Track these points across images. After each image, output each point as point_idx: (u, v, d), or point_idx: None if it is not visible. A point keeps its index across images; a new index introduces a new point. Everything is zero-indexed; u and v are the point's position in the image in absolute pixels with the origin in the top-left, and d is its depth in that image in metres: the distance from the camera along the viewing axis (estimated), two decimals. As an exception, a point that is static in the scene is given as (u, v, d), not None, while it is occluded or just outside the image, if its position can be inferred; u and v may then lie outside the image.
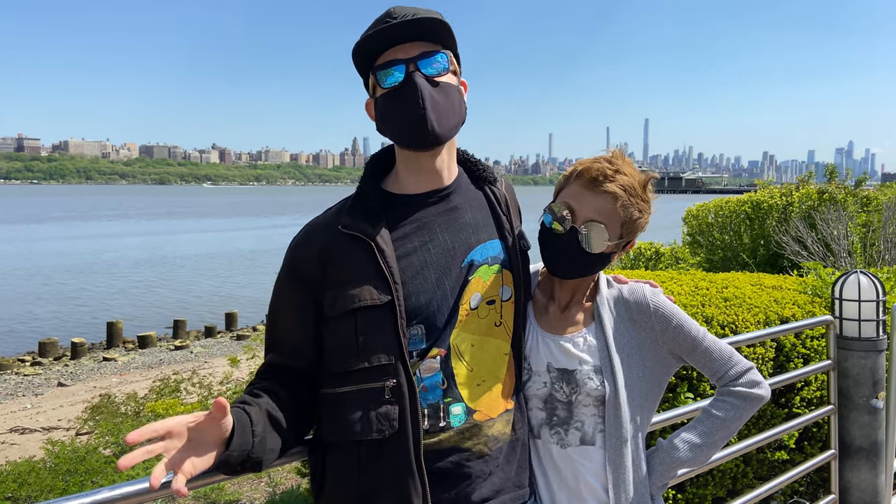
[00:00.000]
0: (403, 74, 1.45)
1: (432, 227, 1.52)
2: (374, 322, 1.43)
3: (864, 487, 3.44)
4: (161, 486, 1.40)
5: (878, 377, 3.39)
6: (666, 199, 11.58)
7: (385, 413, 1.41)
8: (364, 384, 1.43)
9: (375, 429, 1.41)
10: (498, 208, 1.62)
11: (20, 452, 8.87)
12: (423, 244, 1.50)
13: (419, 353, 1.46)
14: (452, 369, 1.47)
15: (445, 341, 1.48)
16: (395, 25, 1.43)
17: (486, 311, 1.53)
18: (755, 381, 1.68)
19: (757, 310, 3.43)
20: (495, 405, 1.52)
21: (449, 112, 1.49)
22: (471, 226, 1.56)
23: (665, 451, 1.68)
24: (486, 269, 1.55)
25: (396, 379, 1.42)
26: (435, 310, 1.47)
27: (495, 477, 1.50)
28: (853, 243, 7.26)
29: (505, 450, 1.53)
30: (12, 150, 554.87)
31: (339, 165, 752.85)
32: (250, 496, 5.74)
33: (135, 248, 44.83)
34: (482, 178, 1.65)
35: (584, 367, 1.59)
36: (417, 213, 1.52)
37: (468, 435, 1.47)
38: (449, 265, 1.50)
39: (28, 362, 16.50)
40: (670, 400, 2.92)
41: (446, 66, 1.51)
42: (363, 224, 1.47)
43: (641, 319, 1.64)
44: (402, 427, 1.41)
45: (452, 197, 1.56)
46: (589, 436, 1.60)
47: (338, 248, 1.48)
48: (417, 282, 1.46)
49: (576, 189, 1.61)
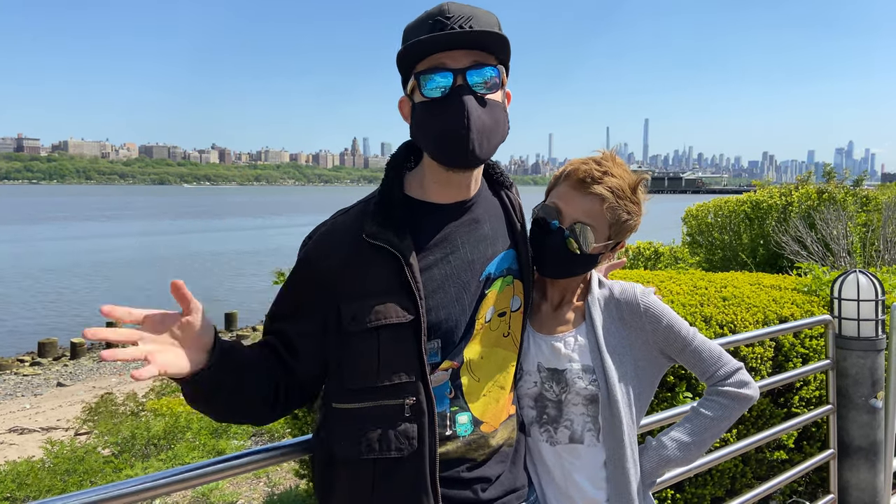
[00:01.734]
0: (450, 86, 1.35)
1: (454, 239, 1.47)
2: (397, 339, 1.38)
3: (863, 487, 3.44)
4: (151, 488, 1.42)
5: (876, 377, 3.38)
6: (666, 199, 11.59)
7: (404, 431, 1.38)
8: (383, 401, 1.39)
9: (395, 447, 1.38)
10: (514, 215, 1.59)
11: (19, 452, 8.86)
12: (444, 257, 1.45)
13: (432, 366, 1.43)
14: (461, 380, 1.46)
15: (459, 355, 1.45)
16: (453, 36, 1.32)
17: (496, 322, 1.52)
18: (744, 381, 1.69)
19: (756, 309, 3.42)
20: (500, 413, 1.52)
21: (493, 133, 1.39)
22: (489, 237, 1.52)
23: (654, 450, 1.69)
24: (501, 282, 1.52)
25: (416, 397, 1.38)
26: (453, 325, 1.44)
27: (500, 481, 1.51)
28: (852, 243, 7.26)
29: (510, 454, 1.55)
30: (12, 150, 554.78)
31: (338, 165, 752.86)
32: (249, 496, 5.74)
33: (135, 249, 44.81)
34: (499, 182, 1.61)
35: (574, 367, 1.61)
36: (441, 223, 1.47)
37: (475, 446, 1.47)
38: (468, 280, 1.47)
39: (27, 362, 16.51)
40: (669, 399, 2.92)
41: (497, 82, 1.40)
42: (389, 234, 1.39)
43: (632, 319, 1.65)
44: (420, 446, 1.38)
45: (475, 208, 1.51)
46: (578, 434, 1.62)
47: (362, 257, 1.41)
48: (438, 296, 1.42)
49: (564, 190, 1.62)
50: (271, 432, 7.34)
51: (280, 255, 26.78)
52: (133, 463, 6.38)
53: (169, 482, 1.52)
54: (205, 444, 6.54)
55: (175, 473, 1.53)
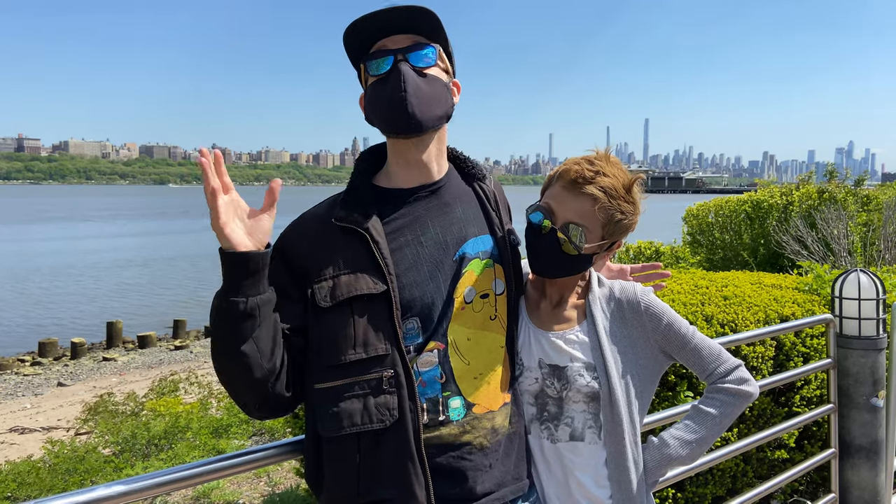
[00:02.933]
0: (391, 64, 1.48)
1: (424, 220, 1.53)
2: (371, 312, 1.43)
3: (864, 486, 3.43)
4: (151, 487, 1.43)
5: (878, 376, 3.38)
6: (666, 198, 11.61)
7: (384, 403, 1.41)
8: (362, 376, 1.42)
9: (376, 419, 1.41)
10: (487, 204, 1.63)
11: (20, 452, 8.86)
12: (415, 237, 1.51)
13: (416, 348, 1.47)
14: (450, 363, 1.48)
15: (443, 335, 1.48)
16: (384, 11, 1.45)
17: (480, 304, 1.54)
18: (744, 379, 1.70)
19: (757, 308, 3.42)
20: (494, 398, 1.53)
21: (432, 101, 1.50)
22: (462, 220, 1.57)
23: (656, 448, 1.69)
24: (478, 263, 1.55)
25: (394, 369, 1.42)
26: (430, 302, 1.48)
27: (496, 470, 1.51)
28: (853, 242, 7.26)
29: (504, 443, 1.54)
30: (12, 151, 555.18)
31: (339, 165, 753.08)
32: (249, 495, 5.74)
33: (134, 249, 44.83)
34: (471, 174, 1.66)
35: (576, 364, 1.61)
36: (409, 206, 1.53)
37: (468, 428, 1.48)
38: (441, 258, 1.51)
39: (28, 362, 16.50)
40: (670, 398, 2.92)
41: (434, 59, 1.53)
42: (356, 216, 1.48)
43: (633, 318, 1.66)
44: (401, 416, 1.41)
45: (443, 191, 1.57)
46: (578, 432, 1.62)
47: (331, 239, 1.49)
48: (411, 275, 1.47)
49: (557, 190, 1.62)
50: (272, 431, 7.34)
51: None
52: (134, 462, 6.38)
53: (170, 480, 1.52)
54: (205, 444, 6.54)
55: (176, 472, 1.53)
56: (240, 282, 1.35)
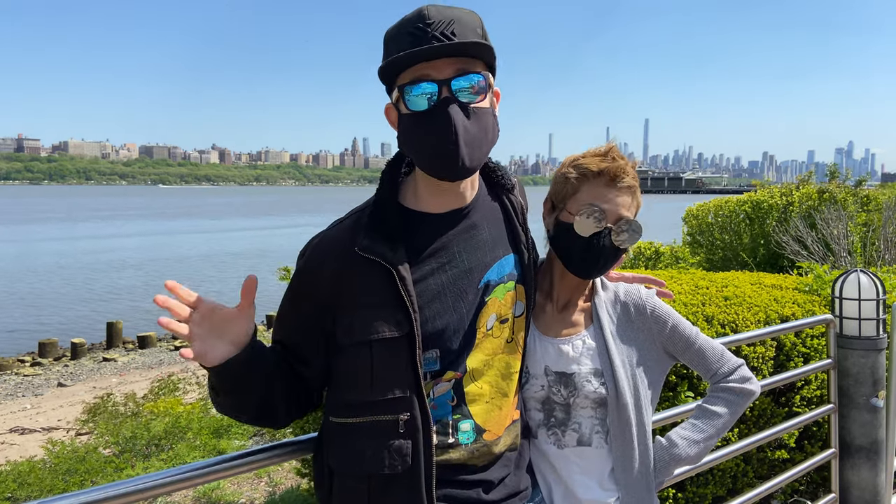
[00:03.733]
0: (435, 98, 1.32)
1: (451, 248, 1.44)
2: (391, 354, 1.36)
3: (864, 486, 3.44)
4: (154, 487, 1.44)
5: (878, 376, 3.38)
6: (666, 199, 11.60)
7: (398, 448, 1.36)
8: (377, 416, 1.37)
9: (387, 464, 1.36)
10: (515, 219, 1.55)
11: (20, 452, 8.86)
12: (440, 266, 1.42)
13: (432, 375, 1.41)
14: (463, 387, 1.44)
15: (462, 365, 1.43)
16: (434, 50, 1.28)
17: (499, 330, 1.49)
18: (746, 377, 1.72)
19: (757, 309, 3.43)
20: (503, 421, 1.50)
21: (482, 142, 1.37)
22: (488, 243, 1.48)
23: (664, 449, 1.70)
24: (502, 289, 1.49)
25: (411, 412, 1.36)
26: (451, 334, 1.41)
27: (507, 481, 1.51)
28: (853, 243, 7.26)
29: (513, 459, 1.54)
30: (12, 151, 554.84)
31: (338, 165, 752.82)
32: (250, 496, 5.74)
33: (133, 249, 44.82)
34: (500, 185, 1.56)
35: (583, 371, 1.60)
36: (436, 233, 1.43)
37: (477, 454, 1.45)
38: (465, 288, 1.43)
39: (28, 363, 16.49)
40: (671, 399, 2.92)
41: (483, 86, 1.36)
42: (382, 248, 1.37)
43: (639, 320, 1.66)
44: (414, 463, 1.36)
45: (472, 214, 1.47)
46: (586, 437, 1.62)
47: (353, 270, 1.39)
48: (434, 306, 1.40)
49: (599, 189, 1.58)
50: (272, 431, 7.34)
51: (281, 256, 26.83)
52: (134, 463, 6.38)
53: (171, 481, 1.52)
54: (205, 444, 6.54)
55: (177, 473, 1.53)
56: (229, 383, 1.38)
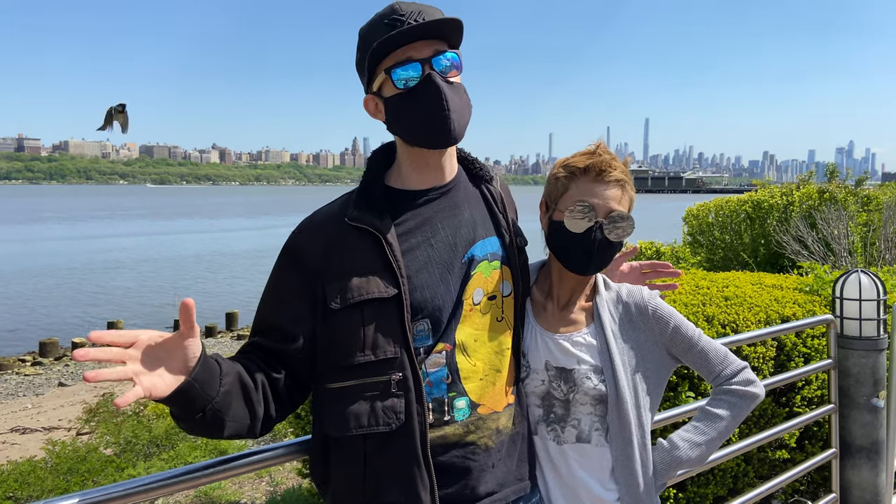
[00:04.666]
0: (419, 74, 1.45)
1: (434, 222, 1.53)
2: (381, 315, 1.43)
3: (864, 486, 3.44)
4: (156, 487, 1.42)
5: (878, 376, 3.39)
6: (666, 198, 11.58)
7: (391, 406, 1.42)
8: (370, 378, 1.43)
9: (382, 421, 1.41)
10: (494, 206, 1.63)
11: (21, 452, 8.87)
12: (426, 239, 1.51)
13: (426, 350, 1.47)
14: (457, 364, 1.48)
15: (451, 336, 1.49)
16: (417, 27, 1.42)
17: (487, 306, 1.54)
18: (750, 380, 1.71)
19: (758, 309, 3.43)
20: (498, 399, 1.53)
21: (464, 111, 1.51)
22: (470, 222, 1.57)
23: (666, 451, 1.69)
24: (487, 265, 1.56)
25: (402, 372, 1.42)
26: (440, 304, 1.48)
27: (498, 470, 1.52)
28: (853, 243, 7.26)
29: (506, 443, 1.55)
30: (12, 150, 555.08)
31: (339, 165, 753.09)
32: (251, 496, 5.74)
33: (133, 249, 44.85)
34: (479, 176, 1.66)
35: (583, 367, 1.61)
36: (420, 208, 1.53)
37: (472, 428, 1.48)
38: (451, 261, 1.51)
39: (29, 362, 16.51)
40: (671, 399, 2.92)
41: (458, 64, 1.51)
42: (370, 217, 1.47)
43: (641, 321, 1.67)
44: (408, 419, 1.41)
45: (452, 193, 1.57)
46: (585, 434, 1.62)
47: (345, 239, 1.48)
48: (422, 276, 1.47)
49: (586, 185, 1.61)
50: (273, 432, 7.35)
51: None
52: (135, 462, 6.39)
53: (174, 482, 1.52)
54: (206, 444, 6.55)
55: (179, 473, 1.53)
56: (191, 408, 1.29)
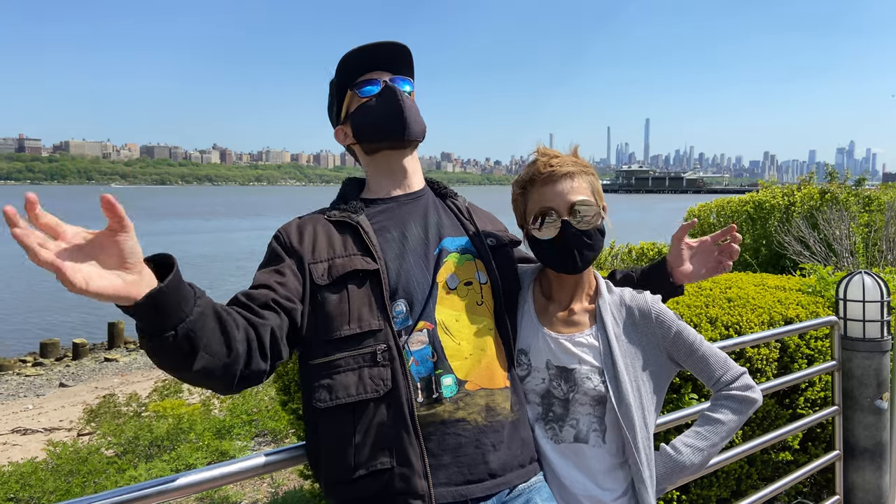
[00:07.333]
0: (379, 86, 1.73)
1: (406, 220, 1.69)
2: (363, 289, 1.54)
3: (868, 488, 3.43)
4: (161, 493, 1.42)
5: (882, 378, 3.38)
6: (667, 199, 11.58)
7: (378, 374, 1.49)
8: (356, 349, 1.51)
9: (370, 389, 1.48)
10: (461, 215, 1.78)
11: (22, 453, 8.87)
12: (400, 234, 1.65)
13: (406, 330, 1.55)
14: (441, 343, 1.55)
15: (431, 315, 1.57)
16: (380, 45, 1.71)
17: (465, 291, 1.64)
18: (749, 385, 1.74)
19: (761, 310, 3.42)
20: (486, 376, 1.57)
21: (418, 116, 1.75)
22: (439, 224, 1.71)
23: (668, 457, 1.70)
24: (458, 256, 1.67)
25: (386, 343, 1.51)
26: (416, 285, 1.59)
27: (501, 452, 1.53)
28: (855, 243, 7.26)
29: (508, 428, 1.56)
30: (13, 151, 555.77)
31: (339, 165, 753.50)
32: (252, 497, 5.74)
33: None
34: (443, 194, 1.84)
35: (584, 367, 1.62)
36: (392, 211, 1.70)
37: (461, 405, 1.52)
38: (424, 251, 1.64)
39: (29, 363, 16.51)
40: (674, 401, 2.92)
41: (412, 88, 1.79)
42: (348, 213, 1.66)
43: (644, 324, 1.68)
44: (394, 386, 1.48)
45: (423, 200, 1.75)
46: (583, 434, 1.63)
47: (327, 230, 1.64)
48: (397, 262, 1.60)
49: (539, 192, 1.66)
50: (275, 433, 7.34)
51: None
52: (137, 463, 6.38)
53: (178, 486, 1.52)
54: (208, 445, 6.54)
55: (182, 476, 1.53)
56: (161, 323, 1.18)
